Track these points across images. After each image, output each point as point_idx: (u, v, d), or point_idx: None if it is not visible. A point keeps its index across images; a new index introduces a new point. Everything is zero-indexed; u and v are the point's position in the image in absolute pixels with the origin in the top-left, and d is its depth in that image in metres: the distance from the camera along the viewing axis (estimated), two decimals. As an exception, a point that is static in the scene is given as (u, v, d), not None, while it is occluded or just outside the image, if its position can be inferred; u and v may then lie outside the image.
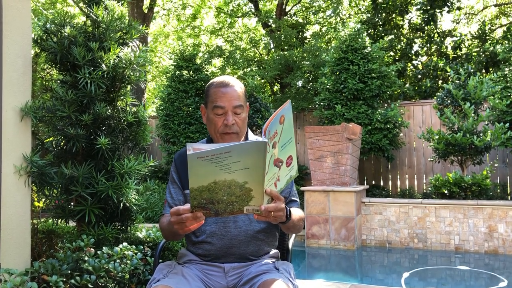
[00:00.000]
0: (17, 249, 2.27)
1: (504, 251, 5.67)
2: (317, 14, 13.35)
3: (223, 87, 1.76)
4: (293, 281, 1.72)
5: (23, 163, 2.33)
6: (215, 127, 1.76)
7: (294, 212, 1.71)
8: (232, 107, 1.74)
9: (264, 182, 1.38)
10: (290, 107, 1.48)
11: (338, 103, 7.57)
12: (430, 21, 10.26)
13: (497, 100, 6.51)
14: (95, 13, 2.72)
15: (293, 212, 1.68)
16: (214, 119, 1.75)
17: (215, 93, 1.76)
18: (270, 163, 1.40)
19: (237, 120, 1.75)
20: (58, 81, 2.73)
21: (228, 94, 1.74)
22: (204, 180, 1.32)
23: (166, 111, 8.43)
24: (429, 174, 7.98)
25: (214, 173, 1.32)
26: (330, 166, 6.51)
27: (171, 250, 2.68)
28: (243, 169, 1.33)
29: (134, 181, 2.58)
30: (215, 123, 1.75)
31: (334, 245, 6.21)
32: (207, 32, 15.33)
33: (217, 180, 1.33)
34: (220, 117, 1.74)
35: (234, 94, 1.75)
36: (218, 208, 1.38)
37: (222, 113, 1.74)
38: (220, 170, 1.31)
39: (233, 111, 1.74)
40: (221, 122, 1.74)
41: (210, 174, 1.32)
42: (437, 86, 9.67)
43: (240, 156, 1.31)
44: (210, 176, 1.32)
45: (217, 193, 1.35)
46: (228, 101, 1.73)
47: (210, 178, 1.32)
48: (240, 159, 1.32)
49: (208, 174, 1.31)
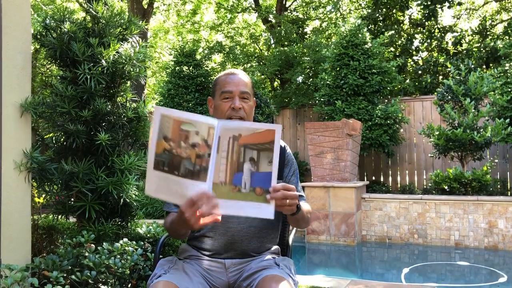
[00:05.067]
0: (17, 245, 2.28)
1: (504, 247, 5.67)
2: (318, 10, 13.30)
3: (231, 75, 1.83)
4: (293, 277, 1.72)
5: (23, 159, 2.32)
6: (222, 113, 1.78)
7: (303, 205, 1.70)
8: (240, 92, 1.78)
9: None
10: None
11: (338, 99, 7.55)
12: (430, 17, 10.23)
13: (498, 95, 6.50)
14: (94, 9, 2.71)
15: (302, 204, 1.67)
16: (221, 104, 1.79)
17: (223, 80, 1.83)
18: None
19: (244, 106, 1.78)
20: (58, 77, 2.73)
21: (235, 80, 1.81)
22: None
23: (166, 107, 8.41)
24: (429, 170, 7.98)
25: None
26: (330, 162, 6.51)
27: (172, 245, 2.69)
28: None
29: (134, 177, 2.58)
30: (222, 108, 1.78)
31: (334, 240, 6.22)
32: (207, 28, 15.28)
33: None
34: (228, 101, 1.78)
35: (241, 81, 1.81)
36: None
37: (230, 98, 1.78)
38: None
39: (240, 96, 1.79)
40: (228, 106, 1.77)
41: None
42: (437, 82, 9.65)
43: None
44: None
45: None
46: (235, 86, 1.79)
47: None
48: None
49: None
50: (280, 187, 1.41)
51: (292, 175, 1.89)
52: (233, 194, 1.39)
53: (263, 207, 1.40)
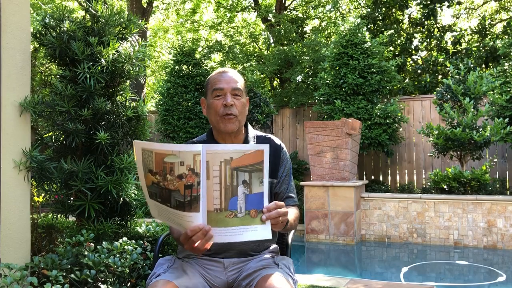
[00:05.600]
0: (17, 244, 2.28)
1: (503, 246, 5.68)
2: (317, 9, 13.30)
3: (222, 73, 1.83)
4: (292, 276, 1.72)
5: (23, 158, 2.32)
6: (215, 111, 1.79)
7: (290, 213, 1.66)
8: (231, 88, 1.79)
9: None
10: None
11: (337, 98, 7.56)
12: (430, 16, 10.23)
13: (497, 95, 6.51)
14: (94, 8, 2.71)
15: (289, 213, 1.61)
16: (214, 102, 1.79)
17: (215, 79, 1.83)
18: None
19: (236, 103, 1.78)
20: (57, 76, 2.73)
21: (227, 78, 1.81)
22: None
23: (166, 106, 8.42)
24: (429, 169, 7.99)
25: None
26: (329, 161, 6.51)
27: (171, 245, 2.69)
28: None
29: (134, 176, 2.58)
30: (214, 106, 1.79)
31: (334, 240, 6.22)
32: (206, 27, 15.27)
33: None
34: (220, 99, 1.78)
35: (232, 78, 1.81)
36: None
37: (221, 95, 1.78)
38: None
39: (232, 93, 1.79)
40: (221, 104, 1.77)
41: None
42: (436, 81, 9.65)
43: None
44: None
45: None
46: (227, 83, 1.79)
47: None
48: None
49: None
50: (273, 206, 1.43)
51: (286, 176, 1.89)
52: (230, 220, 1.38)
53: (259, 229, 1.41)
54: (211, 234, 1.37)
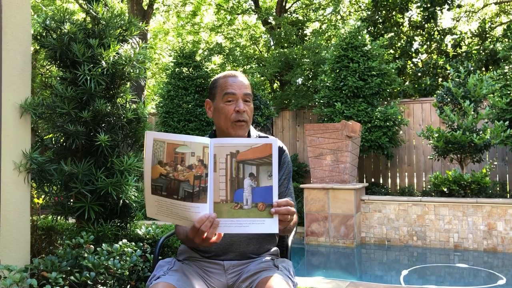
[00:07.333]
0: (16, 246, 2.27)
1: (503, 249, 5.68)
2: (317, 12, 13.32)
3: (232, 77, 1.80)
4: (292, 279, 1.72)
5: (23, 159, 2.32)
6: (226, 116, 1.76)
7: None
8: (243, 94, 1.77)
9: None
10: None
11: (338, 101, 7.56)
12: (430, 19, 10.25)
13: (497, 98, 6.51)
14: (95, 10, 2.71)
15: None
16: (225, 107, 1.76)
17: (225, 82, 1.79)
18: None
19: (247, 109, 1.78)
20: (58, 78, 2.73)
21: (238, 82, 1.79)
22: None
23: (166, 108, 8.42)
24: (429, 172, 7.98)
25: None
26: (329, 164, 6.51)
27: (171, 247, 2.68)
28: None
29: (134, 178, 2.58)
30: (226, 111, 1.76)
31: (334, 242, 6.21)
32: (207, 29, 15.28)
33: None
34: (231, 104, 1.76)
35: (243, 83, 1.80)
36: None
37: (233, 100, 1.76)
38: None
39: (244, 99, 1.77)
40: (233, 109, 1.75)
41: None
42: (437, 84, 9.66)
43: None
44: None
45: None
46: (239, 88, 1.77)
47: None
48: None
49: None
50: (284, 203, 1.43)
51: (285, 179, 1.89)
52: (235, 211, 1.40)
53: (266, 222, 1.41)
54: (218, 221, 1.39)
